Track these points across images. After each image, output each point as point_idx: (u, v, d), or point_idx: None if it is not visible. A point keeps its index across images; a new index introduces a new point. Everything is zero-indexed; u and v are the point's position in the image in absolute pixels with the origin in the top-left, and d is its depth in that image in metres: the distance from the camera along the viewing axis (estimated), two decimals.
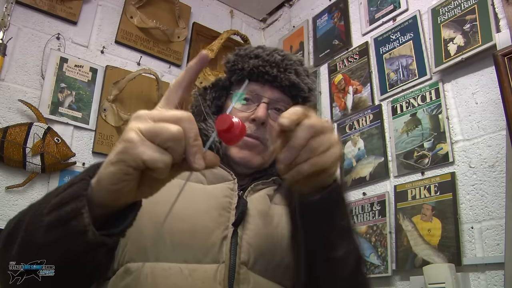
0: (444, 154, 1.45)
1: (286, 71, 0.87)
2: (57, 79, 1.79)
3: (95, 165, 0.54)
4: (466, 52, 1.45)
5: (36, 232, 0.51)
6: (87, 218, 0.47)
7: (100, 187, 0.47)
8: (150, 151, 0.42)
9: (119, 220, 0.51)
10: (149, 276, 0.66)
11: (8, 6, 1.73)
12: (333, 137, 0.54)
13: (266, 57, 0.88)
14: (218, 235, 0.71)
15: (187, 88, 0.49)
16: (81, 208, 0.47)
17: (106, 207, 0.48)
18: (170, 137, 0.42)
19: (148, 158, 0.42)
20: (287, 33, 2.41)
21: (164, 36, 2.13)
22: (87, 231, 0.47)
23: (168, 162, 0.43)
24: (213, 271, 0.67)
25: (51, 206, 0.51)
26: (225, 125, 0.48)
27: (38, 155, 1.61)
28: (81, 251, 0.49)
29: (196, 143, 0.44)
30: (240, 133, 0.49)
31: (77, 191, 0.49)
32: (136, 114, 0.45)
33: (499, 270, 1.21)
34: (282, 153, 0.53)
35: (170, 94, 0.48)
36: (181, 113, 0.45)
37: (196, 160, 0.44)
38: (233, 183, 0.79)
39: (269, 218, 0.78)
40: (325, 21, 2.16)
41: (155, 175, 0.43)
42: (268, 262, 0.73)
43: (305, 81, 0.90)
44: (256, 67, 0.87)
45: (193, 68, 0.49)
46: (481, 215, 1.31)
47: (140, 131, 0.43)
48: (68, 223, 0.47)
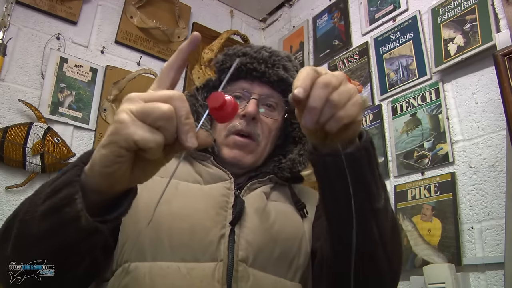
0: (444, 154, 1.45)
1: (274, 66, 0.88)
2: (57, 79, 1.79)
3: (88, 152, 0.53)
4: (466, 52, 1.45)
5: (31, 223, 0.51)
6: (80, 204, 0.47)
7: (94, 172, 0.46)
8: (141, 131, 0.41)
9: (115, 207, 0.51)
10: (147, 275, 0.66)
11: (8, 6, 1.73)
12: (350, 86, 0.53)
13: (254, 54, 0.89)
14: (215, 234, 0.71)
15: (179, 70, 0.48)
16: (74, 193, 0.47)
17: (101, 193, 0.48)
18: (161, 116, 0.42)
19: (140, 138, 0.41)
20: (287, 33, 2.41)
21: (164, 36, 2.13)
22: (80, 217, 0.47)
23: (160, 142, 0.42)
24: (211, 269, 0.68)
25: (45, 195, 0.50)
26: (217, 103, 0.47)
27: (38, 155, 1.61)
28: (74, 239, 0.49)
29: (188, 122, 0.43)
30: (232, 110, 0.48)
31: (70, 177, 0.49)
32: (127, 96, 0.45)
33: (499, 270, 1.21)
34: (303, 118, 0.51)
35: (162, 77, 0.48)
36: (171, 92, 0.44)
37: (189, 139, 0.43)
38: (230, 182, 0.80)
39: (265, 214, 0.78)
40: (325, 21, 2.16)
41: (148, 155, 0.43)
42: (268, 257, 0.73)
43: (294, 76, 0.91)
44: (244, 64, 0.88)
45: (185, 50, 0.49)
46: (481, 215, 1.31)
47: (131, 112, 0.42)
48: (61, 210, 0.47)
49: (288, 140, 0.95)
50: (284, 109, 0.93)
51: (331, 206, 0.63)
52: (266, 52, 0.90)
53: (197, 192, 0.77)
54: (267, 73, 0.88)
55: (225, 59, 0.92)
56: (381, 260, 0.64)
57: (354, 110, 0.52)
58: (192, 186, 0.78)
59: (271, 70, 0.88)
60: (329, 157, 0.57)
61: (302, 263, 0.77)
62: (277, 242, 0.75)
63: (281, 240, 0.76)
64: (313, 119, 0.50)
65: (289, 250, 0.76)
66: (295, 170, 0.89)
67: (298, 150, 0.91)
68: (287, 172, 0.88)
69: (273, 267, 0.73)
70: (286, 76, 0.89)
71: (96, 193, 0.48)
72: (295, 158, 0.89)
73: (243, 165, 0.85)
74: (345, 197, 0.55)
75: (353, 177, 0.55)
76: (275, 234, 0.76)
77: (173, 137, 0.43)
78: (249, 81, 0.88)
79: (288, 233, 0.78)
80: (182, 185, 0.78)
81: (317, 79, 0.51)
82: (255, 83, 0.88)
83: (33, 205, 0.52)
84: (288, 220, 0.81)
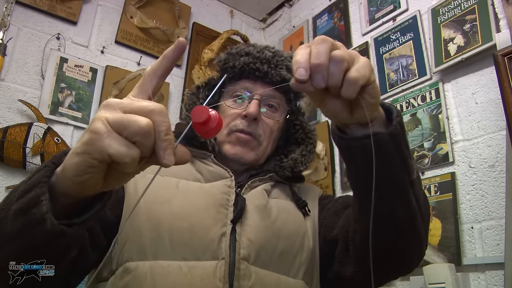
0: (444, 154, 1.45)
1: (277, 67, 0.88)
2: (57, 79, 1.79)
3: (62, 153, 0.52)
4: (466, 52, 1.45)
5: (5, 221, 0.50)
6: (45, 206, 0.46)
7: (64, 177, 0.45)
8: (116, 144, 0.39)
9: (86, 210, 0.49)
10: (148, 274, 0.66)
11: (8, 6, 1.73)
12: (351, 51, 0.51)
13: (257, 54, 0.89)
14: (216, 232, 0.71)
15: (162, 77, 0.46)
16: (41, 195, 0.46)
17: (71, 197, 0.47)
18: (138, 131, 0.39)
19: (114, 152, 0.39)
20: (287, 33, 2.41)
21: (164, 36, 2.13)
22: (45, 219, 0.45)
23: (136, 157, 0.40)
24: (212, 267, 0.68)
25: (18, 194, 0.50)
26: (202, 118, 0.44)
27: (38, 155, 1.61)
28: (41, 241, 0.48)
29: (167, 138, 0.41)
30: (217, 126, 0.45)
31: (39, 177, 0.47)
32: (106, 102, 0.42)
33: (499, 270, 1.21)
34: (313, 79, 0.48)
35: (143, 83, 0.46)
36: (153, 104, 0.41)
37: (166, 156, 0.41)
38: (230, 180, 0.80)
39: (267, 211, 0.78)
40: (325, 21, 2.16)
41: (122, 169, 0.41)
42: (270, 254, 0.73)
43: None
44: (247, 64, 0.88)
45: (169, 56, 0.47)
46: (481, 215, 1.31)
47: (108, 122, 0.40)
48: (28, 211, 0.46)
49: (290, 141, 0.95)
50: (286, 110, 0.93)
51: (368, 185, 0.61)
52: (269, 52, 0.90)
53: (198, 190, 0.77)
54: (269, 74, 0.87)
55: (228, 58, 0.91)
56: (420, 227, 0.66)
57: (365, 70, 0.50)
58: (192, 185, 0.78)
59: (274, 70, 0.88)
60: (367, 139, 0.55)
61: (305, 259, 0.77)
62: (279, 239, 0.75)
63: (283, 237, 0.76)
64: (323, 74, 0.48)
65: (292, 246, 0.77)
66: (296, 170, 0.89)
67: (301, 151, 0.91)
68: (288, 171, 0.88)
69: (276, 264, 0.73)
70: (289, 77, 0.89)
71: (66, 196, 0.47)
72: (297, 158, 0.89)
73: (244, 162, 0.85)
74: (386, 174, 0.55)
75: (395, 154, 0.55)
76: (277, 231, 0.76)
77: (150, 152, 0.41)
78: (251, 81, 0.88)
79: (290, 229, 0.78)
80: (183, 184, 0.78)
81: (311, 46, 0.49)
82: (258, 83, 0.88)
83: (7, 203, 0.51)
84: (290, 217, 0.81)
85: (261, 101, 0.87)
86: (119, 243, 0.71)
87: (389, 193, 0.59)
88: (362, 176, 0.60)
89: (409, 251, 0.69)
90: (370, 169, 0.56)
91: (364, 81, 0.49)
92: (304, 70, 0.47)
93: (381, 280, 0.76)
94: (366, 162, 0.57)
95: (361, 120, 0.55)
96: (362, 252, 0.70)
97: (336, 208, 0.85)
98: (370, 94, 0.52)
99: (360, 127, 0.56)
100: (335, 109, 0.55)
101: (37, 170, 0.50)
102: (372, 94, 0.52)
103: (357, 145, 0.57)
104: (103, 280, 0.71)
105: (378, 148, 0.54)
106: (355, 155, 0.59)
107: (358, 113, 0.54)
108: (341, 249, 0.77)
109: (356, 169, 0.61)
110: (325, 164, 1.85)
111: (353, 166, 0.62)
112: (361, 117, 0.54)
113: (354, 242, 0.72)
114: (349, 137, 0.58)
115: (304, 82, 0.48)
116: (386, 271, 0.73)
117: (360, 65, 0.49)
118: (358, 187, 0.64)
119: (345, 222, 0.78)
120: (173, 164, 0.42)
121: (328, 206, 0.88)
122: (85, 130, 0.42)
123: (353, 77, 0.48)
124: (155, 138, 0.41)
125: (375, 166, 0.54)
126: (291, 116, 0.95)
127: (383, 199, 0.59)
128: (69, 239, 0.49)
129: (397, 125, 0.56)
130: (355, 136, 0.57)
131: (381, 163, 0.54)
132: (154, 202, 0.73)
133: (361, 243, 0.69)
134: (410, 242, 0.67)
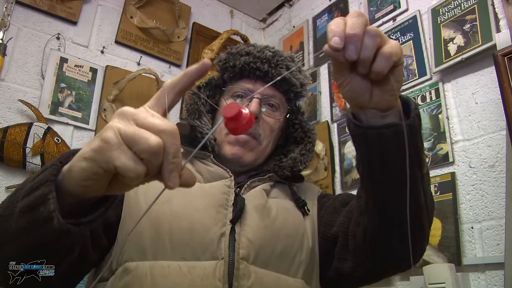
0: (444, 154, 1.45)
1: (277, 66, 0.88)
2: (57, 79, 1.79)
3: (69, 152, 0.52)
4: (466, 52, 1.45)
5: (10, 218, 0.50)
6: (52, 204, 0.46)
7: (70, 178, 0.46)
8: (124, 158, 0.39)
9: (91, 211, 0.50)
10: (148, 274, 0.66)
11: (8, 6, 1.73)
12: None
13: (257, 53, 0.89)
14: (216, 232, 0.71)
15: (179, 93, 0.46)
16: (48, 193, 0.46)
17: (76, 197, 0.47)
18: (147, 149, 0.39)
19: (121, 165, 0.39)
20: (287, 33, 2.41)
21: (164, 36, 2.13)
22: (52, 217, 0.46)
23: (141, 173, 0.40)
24: (212, 267, 0.68)
25: (24, 192, 0.50)
26: (231, 113, 0.45)
27: (38, 155, 1.61)
28: (47, 239, 0.48)
29: (175, 161, 0.41)
30: (247, 123, 0.46)
31: (47, 176, 0.48)
32: (121, 110, 0.42)
33: (499, 270, 1.21)
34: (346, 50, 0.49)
35: (161, 96, 0.45)
36: (166, 124, 0.41)
37: (171, 179, 0.41)
38: (230, 181, 0.80)
39: (266, 211, 0.79)
40: (325, 21, 2.16)
41: (125, 181, 0.41)
42: (269, 254, 0.73)
43: (297, 76, 0.91)
44: (247, 64, 0.88)
45: (191, 75, 0.46)
46: (481, 215, 1.31)
47: (120, 133, 0.40)
48: (35, 209, 0.47)
49: (289, 141, 0.95)
50: (286, 109, 0.93)
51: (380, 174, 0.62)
52: (269, 51, 0.90)
53: (197, 191, 0.77)
54: (270, 73, 0.88)
55: (228, 58, 0.92)
56: (425, 222, 0.66)
57: (398, 48, 0.51)
58: None
59: (274, 70, 0.88)
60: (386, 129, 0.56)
61: (304, 258, 0.77)
62: (278, 238, 0.76)
63: (283, 236, 0.76)
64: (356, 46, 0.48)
65: (291, 245, 0.77)
66: (295, 169, 0.89)
67: (300, 150, 0.91)
68: (288, 170, 0.88)
69: (275, 263, 0.73)
70: (289, 76, 0.89)
71: (71, 196, 0.47)
72: (296, 157, 0.89)
73: (243, 162, 0.85)
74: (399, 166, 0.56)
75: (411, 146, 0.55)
76: (277, 230, 0.76)
77: (156, 171, 0.41)
78: (252, 80, 0.89)
79: (290, 229, 0.79)
80: None
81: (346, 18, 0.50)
82: (258, 83, 0.88)
83: (13, 201, 0.52)
84: (289, 216, 0.81)
85: (262, 100, 0.87)
86: (119, 243, 0.71)
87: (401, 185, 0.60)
88: (375, 166, 0.61)
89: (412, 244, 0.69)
90: (384, 158, 0.57)
91: (397, 58, 0.50)
92: (340, 39, 0.48)
93: (380, 274, 0.77)
94: (381, 152, 0.58)
95: (379, 105, 0.55)
96: (364, 245, 0.70)
97: (335, 206, 0.85)
98: (397, 76, 0.52)
99: (377, 113, 0.56)
100: (358, 88, 0.55)
101: (44, 169, 0.50)
102: (398, 77, 0.53)
103: (373, 134, 0.57)
104: (103, 280, 0.71)
105: (395, 138, 0.55)
106: (371, 144, 0.59)
107: (378, 96, 0.54)
108: (341, 246, 0.77)
109: (369, 159, 0.61)
110: (325, 164, 1.85)
111: (366, 155, 0.61)
112: (380, 102, 0.55)
113: (354, 236, 0.72)
114: (365, 125, 0.58)
115: (338, 51, 0.49)
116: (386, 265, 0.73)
117: (393, 44, 0.51)
118: (370, 177, 0.64)
119: (345, 218, 0.78)
120: (177, 187, 0.41)
121: (327, 204, 0.88)
122: (96, 136, 0.43)
123: (387, 51, 0.49)
124: (163, 159, 0.40)
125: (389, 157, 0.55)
126: (290, 115, 0.95)
127: (395, 191, 0.60)
128: (73, 239, 0.49)
129: (415, 117, 0.57)
130: (371, 125, 0.57)
131: (397, 154, 0.54)
132: None
133: (365, 236, 0.69)
134: (415, 236, 0.67)
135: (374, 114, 0.57)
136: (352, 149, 1.79)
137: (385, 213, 0.65)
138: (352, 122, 0.59)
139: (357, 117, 0.59)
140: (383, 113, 0.56)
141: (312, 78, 2.07)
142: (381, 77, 0.51)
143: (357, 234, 0.71)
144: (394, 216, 0.64)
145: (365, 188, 0.67)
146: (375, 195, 0.65)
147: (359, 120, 0.58)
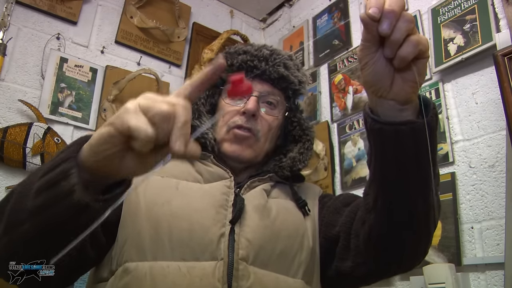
0: (444, 154, 1.45)
1: (274, 64, 0.89)
2: (57, 79, 1.79)
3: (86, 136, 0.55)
4: (466, 52, 1.45)
5: (26, 197, 0.52)
6: (75, 178, 0.48)
7: (88, 148, 0.48)
8: (137, 120, 0.43)
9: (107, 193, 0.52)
10: (148, 275, 0.66)
11: (8, 6, 1.73)
12: None
13: (255, 52, 0.90)
14: (215, 233, 0.71)
15: (197, 88, 0.49)
16: (70, 168, 0.49)
17: (92, 174, 0.49)
18: (159, 112, 0.43)
19: (133, 125, 0.43)
20: (287, 33, 2.41)
21: (164, 36, 2.13)
22: (74, 191, 0.48)
23: (151, 135, 0.43)
24: (211, 268, 0.68)
25: (42, 172, 0.52)
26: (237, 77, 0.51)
27: (38, 155, 1.61)
28: (64, 216, 0.50)
29: (184, 129, 0.44)
30: (246, 90, 0.52)
31: (68, 154, 0.50)
32: (144, 94, 0.47)
33: (499, 270, 1.21)
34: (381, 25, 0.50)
35: (180, 91, 0.49)
36: (179, 99, 0.45)
37: (178, 143, 0.43)
38: (230, 181, 0.80)
39: (266, 211, 0.79)
40: (325, 21, 2.16)
41: (136, 145, 0.44)
42: (269, 254, 0.73)
43: (295, 74, 0.92)
44: (245, 62, 0.89)
45: (207, 73, 0.49)
46: (481, 215, 1.31)
47: (138, 104, 0.45)
48: (57, 184, 0.49)
49: (288, 139, 0.95)
50: (285, 107, 0.93)
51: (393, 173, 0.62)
52: (267, 50, 0.91)
53: (197, 191, 0.77)
54: (267, 71, 0.88)
55: (226, 57, 0.92)
56: (431, 223, 0.66)
57: (426, 41, 0.52)
58: (192, 185, 0.79)
59: (271, 68, 0.88)
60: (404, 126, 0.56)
61: (304, 259, 0.77)
62: (278, 239, 0.75)
63: (283, 237, 0.76)
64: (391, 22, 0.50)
65: (291, 246, 0.77)
66: (295, 169, 0.89)
67: (298, 149, 0.91)
68: (287, 170, 0.88)
69: (275, 264, 0.73)
70: (286, 74, 0.89)
71: (89, 171, 0.49)
72: (295, 156, 0.90)
73: (242, 159, 0.86)
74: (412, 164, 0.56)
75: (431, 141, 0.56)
76: (277, 230, 0.76)
77: (165, 138, 0.44)
78: (249, 78, 0.89)
79: (290, 229, 0.79)
80: (182, 185, 0.78)
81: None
82: (256, 81, 0.88)
83: (30, 182, 0.54)
84: (290, 216, 0.81)
85: (260, 98, 0.87)
86: (118, 243, 0.71)
87: (414, 183, 0.60)
88: (388, 162, 0.61)
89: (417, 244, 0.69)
90: (398, 155, 0.57)
91: (424, 48, 0.51)
92: (378, 10, 0.50)
93: (381, 274, 0.77)
94: (396, 148, 0.58)
95: (398, 96, 0.56)
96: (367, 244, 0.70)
97: (337, 206, 0.85)
98: (420, 69, 0.53)
99: (395, 105, 0.56)
100: (380, 72, 0.55)
101: (63, 151, 0.53)
102: (421, 70, 0.54)
103: (391, 130, 0.57)
104: (103, 281, 0.71)
105: (412, 136, 0.55)
106: (387, 140, 0.59)
107: (399, 86, 0.55)
108: (342, 245, 0.77)
109: (382, 155, 0.61)
110: (325, 164, 1.85)
111: (381, 151, 0.61)
112: (400, 92, 0.55)
113: (357, 235, 0.72)
114: (383, 120, 0.58)
115: (374, 21, 0.50)
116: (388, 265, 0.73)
117: (422, 36, 0.52)
118: (381, 173, 0.64)
119: (348, 218, 0.78)
120: (181, 153, 0.43)
121: (328, 204, 0.88)
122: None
123: (416, 39, 0.51)
124: (173, 126, 0.43)
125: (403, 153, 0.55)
126: (289, 113, 0.95)
127: (408, 189, 0.60)
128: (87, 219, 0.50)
129: (434, 116, 0.57)
130: (389, 121, 0.57)
131: (414, 152, 0.55)
132: (154, 203, 0.73)
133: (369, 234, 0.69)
134: (420, 236, 0.67)
135: (392, 106, 0.57)
136: (352, 149, 1.79)
137: (393, 211, 0.65)
138: (370, 116, 0.59)
139: (374, 112, 0.59)
140: (401, 106, 0.57)
141: (312, 78, 2.07)
142: (404, 64, 0.52)
143: (361, 232, 0.71)
144: (402, 215, 0.64)
145: (375, 185, 0.66)
146: (384, 192, 0.65)
147: (376, 114, 0.59)
